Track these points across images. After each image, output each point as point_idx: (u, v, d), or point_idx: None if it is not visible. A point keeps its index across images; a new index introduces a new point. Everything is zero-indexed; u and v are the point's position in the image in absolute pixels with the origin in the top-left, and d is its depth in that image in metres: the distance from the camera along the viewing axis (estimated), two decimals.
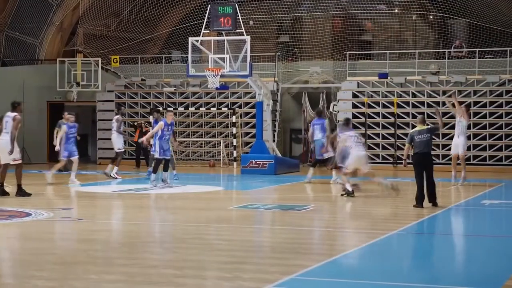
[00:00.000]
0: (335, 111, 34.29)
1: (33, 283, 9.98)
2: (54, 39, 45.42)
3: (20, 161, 21.15)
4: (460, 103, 25.45)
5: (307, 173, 25.77)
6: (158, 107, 33.24)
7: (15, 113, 20.57)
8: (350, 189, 20.63)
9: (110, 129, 36.75)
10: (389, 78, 34.01)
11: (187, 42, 30.39)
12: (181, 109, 36.05)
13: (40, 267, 11.06)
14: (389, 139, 33.54)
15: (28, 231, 14.91)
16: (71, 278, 10.27)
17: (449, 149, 26.77)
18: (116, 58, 38.10)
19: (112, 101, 37.22)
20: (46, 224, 15.93)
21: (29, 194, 20.49)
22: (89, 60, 37.64)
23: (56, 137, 27.06)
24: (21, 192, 20.49)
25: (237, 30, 29.49)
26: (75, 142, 25.31)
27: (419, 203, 18.04)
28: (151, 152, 25.06)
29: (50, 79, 37.35)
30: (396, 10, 37.74)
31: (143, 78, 37.62)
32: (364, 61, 36.04)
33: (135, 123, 34.97)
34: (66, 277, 10.40)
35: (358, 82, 34.55)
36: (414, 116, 32.80)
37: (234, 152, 34.09)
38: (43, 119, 38.11)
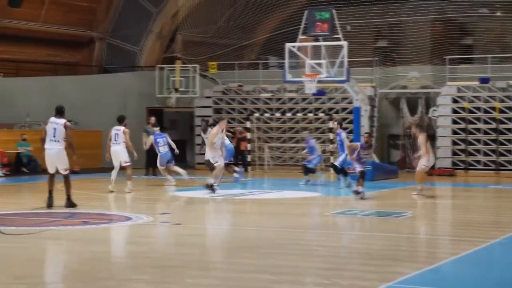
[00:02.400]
0: (435, 116, 33.77)
1: (132, 286, 10.08)
2: (153, 46, 46.00)
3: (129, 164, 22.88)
4: None
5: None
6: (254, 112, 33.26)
7: (122, 127, 22.21)
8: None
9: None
10: (490, 82, 33.32)
11: (284, 48, 30.34)
12: (277, 114, 36.03)
13: (139, 270, 11.11)
14: (490, 145, 32.83)
15: (128, 235, 15.01)
16: (168, 281, 10.28)
17: None
18: (214, 64, 38.26)
19: (210, 107, 37.38)
20: (145, 228, 16.01)
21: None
22: (188, 67, 37.88)
23: (145, 142, 28.32)
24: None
25: (334, 36, 29.30)
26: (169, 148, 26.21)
27: None
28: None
29: (149, 85, 37.71)
30: (498, 13, 37.12)
31: (240, 83, 37.67)
32: (465, 65, 35.41)
33: (232, 130, 35.09)
34: (163, 280, 10.43)
35: (458, 87, 33.95)
36: None
37: (331, 158, 33.83)
38: (142, 125, 38.42)
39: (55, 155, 19.00)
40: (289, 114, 36.02)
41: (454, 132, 33.18)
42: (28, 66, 42.93)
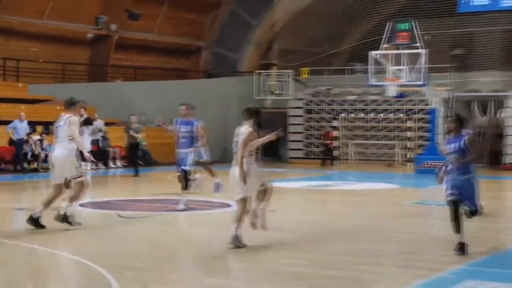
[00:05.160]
0: (504, 117, 33.34)
1: (231, 264, 10.27)
2: (252, 54, 46.24)
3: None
4: None
5: None
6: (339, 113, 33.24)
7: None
8: None
9: (300, 133, 37.31)
10: None
11: (368, 55, 30.23)
12: (361, 115, 35.96)
13: (237, 250, 11.16)
14: None
15: (229, 221, 15.16)
16: (262, 261, 10.34)
17: None
18: (306, 70, 38.28)
19: (302, 108, 37.46)
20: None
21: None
22: (282, 72, 37.96)
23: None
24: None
25: (414, 44, 29.09)
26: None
27: None
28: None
29: (248, 89, 37.90)
30: None
31: (328, 87, 37.64)
32: None
33: (323, 130, 35.44)
34: (258, 259, 10.49)
35: None
36: None
37: (409, 153, 33.63)
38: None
39: (59, 160, 13.19)
40: (372, 115, 35.93)
41: None
42: (144, 72, 43.51)
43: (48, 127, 27.24)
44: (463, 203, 11.06)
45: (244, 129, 11.88)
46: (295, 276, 9.44)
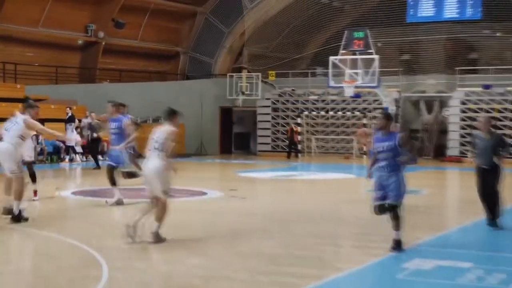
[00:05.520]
0: (447, 115, 33.57)
1: (208, 246, 10.18)
2: (225, 59, 46.20)
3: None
4: None
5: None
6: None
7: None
8: None
9: (268, 129, 37.31)
10: (491, 88, 32.87)
11: (328, 60, 30.28)
12: (322, 113, 36.03)
13: (214, 234, 11.14)
14: None
15: (205, 207, 15.11)
16: (237, 243, 10.34)
17: None
18: (273, 73, 38.26)
19: (269, 106, 37.44)
20: (219, 201, 16.10)
21: None
22: (252, 75, 37.92)
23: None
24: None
25: (368, 50, 29.16)
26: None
27: None
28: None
29: (221, 89, 37.82)
30: (498, 34, 36.67)
31: (293, 88, 37.65)
32: (471, 75, 34.99)
33: (288, 126, 35.53)
34: (232, 242, 10.48)
35: (465, 92, 33.53)
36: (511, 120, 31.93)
37: (364, 147, 33.73)
38: (216, 120, 38.66)
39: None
40: (331, 113, 36.00)
41: (462, 128, 32.82)
42: (128, 74, 43.34)
43: (43, 123, 26.88)
44: (386, 200, 9.78)
45: (166, 129, 10.40)
46: (266, 256, 9.44)
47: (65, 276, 8.19)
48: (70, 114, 29.82)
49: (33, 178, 14.86)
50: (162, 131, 10.37)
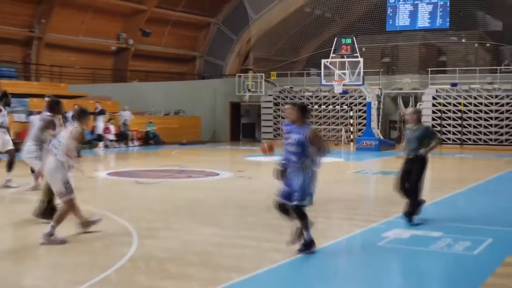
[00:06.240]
0: (420, 109, 33.50)
1: (221, 218, 10.13)
2: (234, 61, 46.12)
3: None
4: None
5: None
6: None
7: None
8: None
9: (270, 120, 37.26)
10: (458, 86, 32.74)
11: (321, 62, 30.18)
12: (316, 107, 35.93)
13: (226, 208, 11.14)
14: (456, 127, 32.33)
15: (218, 186, 15.12)
16: (245, 216, 10.32)
17: None
18: (274, 73, 38.15)
19: (271, 101, 37.36)
20: (229, 180, 16.09)
21: None
22: (256, 75, 37.83)
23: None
24: None
25: (354, 54, 29.05)
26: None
27: None
28: None
29: (231, 87, 37.75)
30: (463, 40, 36.61)
31: (291, 86, 37.55)
32: (441, 74, 34.88)
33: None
34: (242, 214, 10.46)
35: (436, 89, 33.40)
36: (475, 112, 31.77)
37: (351, 135, 33.70)
38: (227, 113, 38.61)
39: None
40: (323, 106, 35.89)
41: (433, 119, 32.73)
42: (153, 75, 43.34)
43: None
44: (291, 199, 7.68)
45: (72, 128, 8.45)
46: (270, 226, 9.43)
47: (101, 242, 8.19)
48: (100, 108, 29.85)
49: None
50: (67, 130, 8.49)
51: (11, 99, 14.31)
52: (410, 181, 9.69)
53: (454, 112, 32.61)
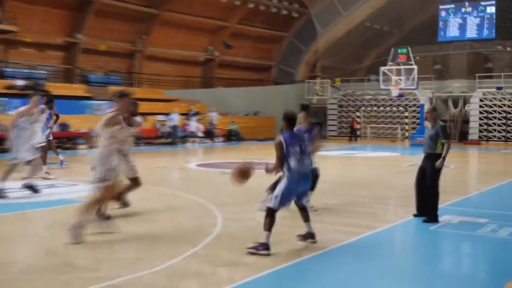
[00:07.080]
0: (469, 110, 32.45)
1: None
2: (304, 69, 45.96)
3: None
4: None
5: None
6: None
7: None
8: None
9: (335, 120, 36.91)
10: (503, 89, 31.52)
11: (379, 70, 29.71)
12: (375, 108, 35.38)
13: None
14: (501, 126, 31.13)
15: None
16: (312, 202, 10.17)
17: None
18: (338, 80, 37.84)
19: (336, 104, 37.01)
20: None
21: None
22: (323, 81, 37.58)
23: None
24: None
25: (409, 62, 28.46)
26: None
27: None
28: None
29: (301, 91, 37.65)
30: (508, 49, 35.31)
31: (353, 90, 37.09)
32: (487, 79, 33.69)
33: (350, 118, 35.06)
34: (310, 200, 10.35)
35: (483, 92, 32.25)
36: None
37: (406, 133, 33.01)
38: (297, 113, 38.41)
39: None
40: (381, 108, 35.32)
41: (480, 119, 31.63)
42: (235, 82, 43.76)
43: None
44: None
45: (106, 113, 7.29)
46: (333, 211, 9.34)
47: (190, 222, 8.32)
48: (195, 110, 30.37)
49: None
50: (103, 117, 7.20)
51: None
52: (427, 181, 8.54)
53: (499, 113, 31.41)
